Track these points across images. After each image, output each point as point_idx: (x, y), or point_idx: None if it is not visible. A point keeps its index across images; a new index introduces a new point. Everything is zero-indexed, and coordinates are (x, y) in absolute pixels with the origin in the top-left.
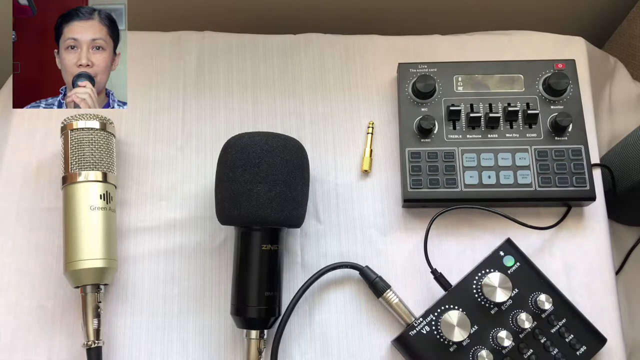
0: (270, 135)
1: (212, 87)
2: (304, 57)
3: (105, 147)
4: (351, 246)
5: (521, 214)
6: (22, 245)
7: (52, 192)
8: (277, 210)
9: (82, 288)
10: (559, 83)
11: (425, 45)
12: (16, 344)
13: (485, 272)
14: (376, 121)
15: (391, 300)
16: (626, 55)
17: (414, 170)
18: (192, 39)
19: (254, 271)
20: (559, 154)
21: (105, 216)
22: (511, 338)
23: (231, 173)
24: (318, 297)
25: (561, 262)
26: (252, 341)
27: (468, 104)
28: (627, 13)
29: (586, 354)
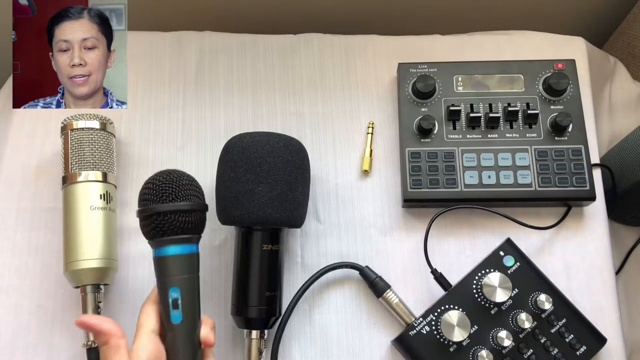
0: (271, 135)
1: (212, 87)
2: (304, 57)
3: (105, 147)
4: (351, 246)
5: (521, 214)
6: (22, 245)
7: (52, 192)
8: (278, 210)
9: (82, 288)
10: (559, 83)
11: (425, 45)
12: (16, 344)
13: (485, 272)
14: (376, 121)
15: (391, 300)
16: (626, 55)
17: (414, 170)
18: (192, 39)
19: (255, 271)
20: (559, 154)
21: (105, 216)
22: (511, 338)
23: (232, 173)
24: (318, 297)
25: (561, 262)
26: (253, 341)
27: (468, 104)
28: (627, 13)
29: (586, 354)
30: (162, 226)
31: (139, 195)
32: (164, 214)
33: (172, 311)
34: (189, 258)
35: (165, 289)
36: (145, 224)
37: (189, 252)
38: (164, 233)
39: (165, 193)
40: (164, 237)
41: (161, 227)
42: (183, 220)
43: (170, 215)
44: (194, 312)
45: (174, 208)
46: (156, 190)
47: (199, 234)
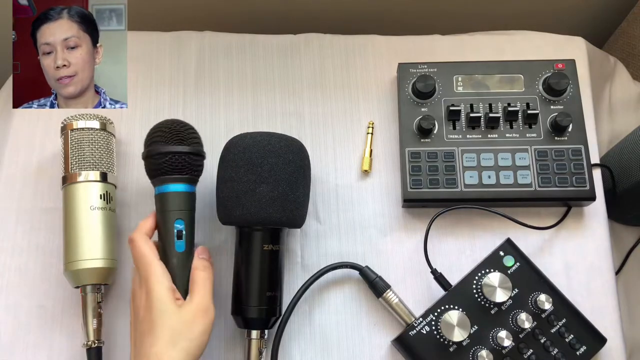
0: (272, 135)
1: (212, 87)
2: (304, 57)
3: (105, 147)
4: (351, 246)
5: (521, 214)
6: (22, 245)
7: (52, 192)
8: (279, 210)
9: (82, 288)
10: (559, 83)
11: (425, 45)
12: (16, 344)
13: (485, 272)
14: (376, 121)
15: (391, 300)
16: (626, 55)
17: (414, 170)
18: (192, 39)
19: (255, 271)
20: (559, 154)
21: (105, 216)
22: (511, 338)
23: (233, 173)
24: (318, 297)
25: (561, 262)
26: (253, 341)
27: (468, 104)
28: (627, 13)
29: (586, 354)
30: (177, 164)
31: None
32: (181, 154)
33: (177, 241)
34: (191, 195)
35: (171, 221)
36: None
37: (192, 191)
38: (182, 171)
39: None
40: (176, 174)
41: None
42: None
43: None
44: (192, 241)
45: (187, 150)
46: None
47: (198, 176)
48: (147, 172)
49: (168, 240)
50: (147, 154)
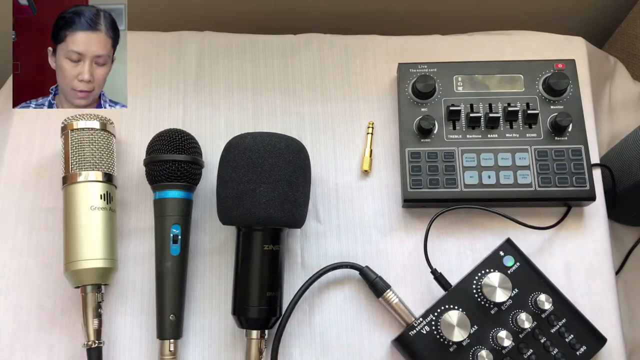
0: (273, 135)
1: (212, 87)
2: (304, 57)
3: (106, 147)
4: (351, 246)
5: (521, 214)
6: (22, 245)
7: (52, 192)
8: (279, 210)
9: (82, 288)
10: (559, 83)
11: (425, 45)
12: (16, 344)
13: (485, 272)
14: (376, 121)
15: (391, 300)
16: (626, 55)
17: (414, 170)
18: (192, 39)
19: (255, 271)
20: (559, 154)
21: (105, 216)
22: (511, 338)
23: (234, 173)
24: (318, 297)
25: (561, 262)
26: (253, 341)
27: (468, 104)
28: (627, 13)
29: (586, 354)
30: (176, 172)
31: (150, 146)
32: (180, 163)
33: (172, 245)
34: (188, 202)
35: (168, 225)
36: (164, 170)
37: (189, 198)
38: (180, 179)
39: (177, 146)
40: (174, 182)
41: (179, 173)
42: (189, 169)
43: (184, 165)
44: (186, 246)
45: (186, 159)
46: (171, 142)
47: (196, 184)
48: (147, 178)
49: (164, 244)
50: (148, 161)
